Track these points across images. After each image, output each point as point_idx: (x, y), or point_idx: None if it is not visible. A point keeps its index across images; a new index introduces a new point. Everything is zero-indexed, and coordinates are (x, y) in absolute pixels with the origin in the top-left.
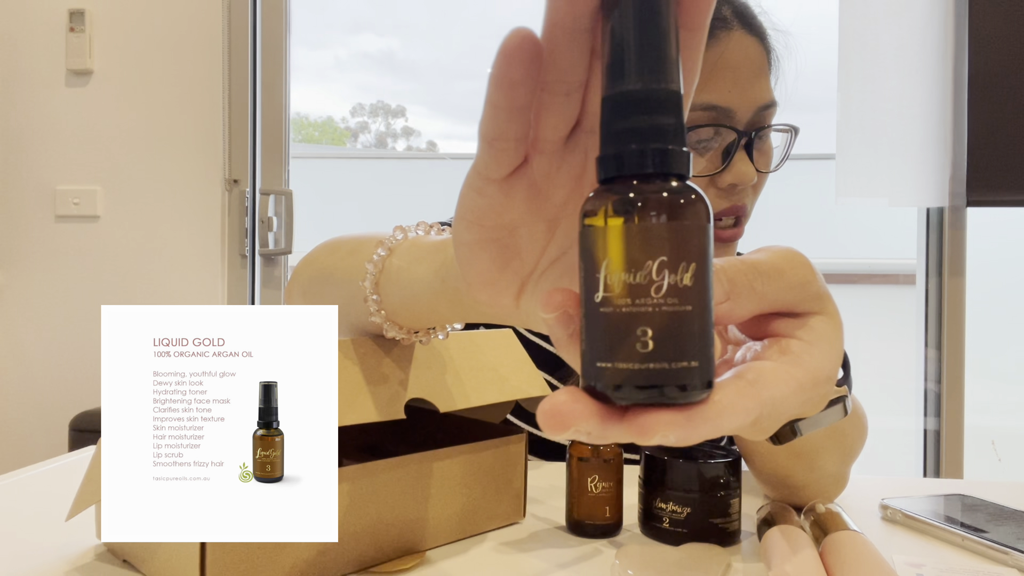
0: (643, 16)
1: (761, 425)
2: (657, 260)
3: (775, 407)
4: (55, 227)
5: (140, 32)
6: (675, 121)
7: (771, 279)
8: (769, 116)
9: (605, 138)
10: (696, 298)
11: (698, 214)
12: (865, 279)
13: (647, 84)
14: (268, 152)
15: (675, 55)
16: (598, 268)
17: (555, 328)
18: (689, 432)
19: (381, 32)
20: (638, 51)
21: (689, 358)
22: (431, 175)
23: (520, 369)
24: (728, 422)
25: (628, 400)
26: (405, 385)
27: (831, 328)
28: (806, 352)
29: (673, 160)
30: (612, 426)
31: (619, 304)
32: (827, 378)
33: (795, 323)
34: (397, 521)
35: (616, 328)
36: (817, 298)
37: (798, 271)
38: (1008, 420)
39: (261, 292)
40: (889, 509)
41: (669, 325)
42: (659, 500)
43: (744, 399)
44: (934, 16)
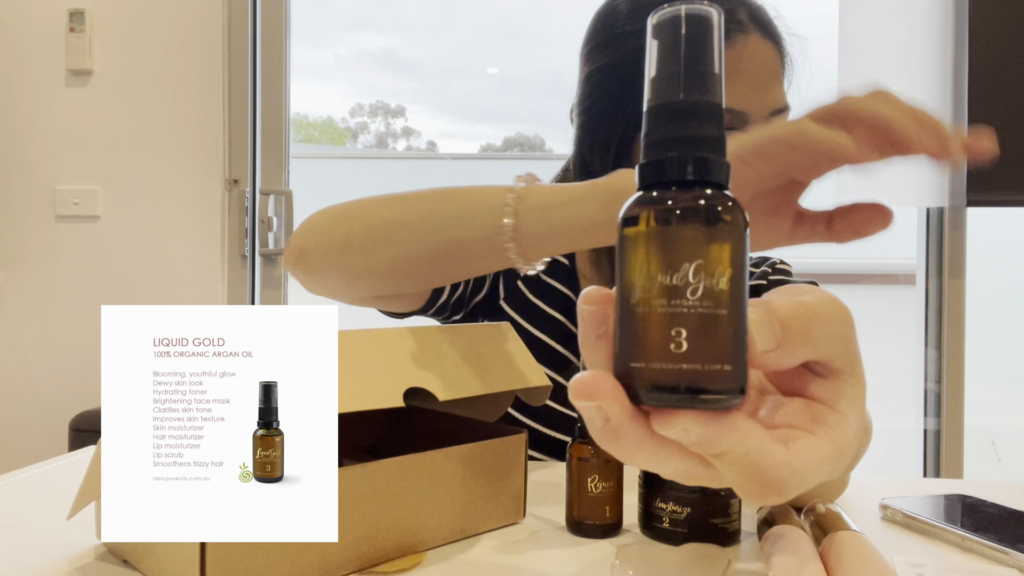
0: (690, 34)
1: (784, 493)
2: (694, 263)
3: (803, 480)
4: (55, 227)
5: (140, 32)
6: (716, 132)
7: (825, 327)
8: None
9: (648, 147)
10: (731, 303)
11: (736, 221)
12: (865, 279)
13: (690, 96)
14: (268, 152)
15: (719, 71)
16: (635, 270)
17: (588, 324)
18: (711, 432)
19: (382, 30)
20: (684, 65)
21: (723, 361)
22: (431, 175)
23: (519, 360)
24: (747, 450)
25: (659, 402)
26: (404, 375)
27: (859, 394)
28: (839, 425)
29: (713, 168)
30: (633, 420)
31: (655, 305)
32: (851, 448)
33: (832, 391)
34: (397, 521)
35: (651, 329)
36: (852, 357)
37: (844, 324)
38: (1008, 420)
39: (261, 292)
40: (889, 509)
41: (703, 327)
42: (659, 500)
43: (773, 454)
44: (934, 16)
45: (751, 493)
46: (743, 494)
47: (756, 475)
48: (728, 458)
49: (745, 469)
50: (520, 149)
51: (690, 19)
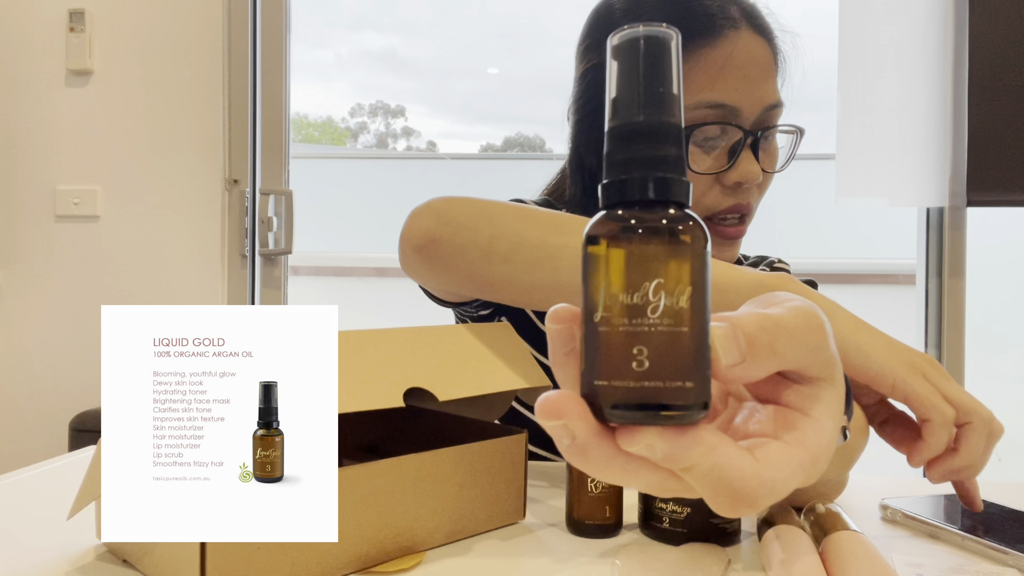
0: (648, 56)
1: (755, 504)
2: (654, 282)
3: (773, 490)
4: (55, 227)
5: (140, 32)
6: (676, 152)
7: (792, 339)
8: (775, 116)
9: (609, 167)
10: (691, 320)
11: (695, 239)
12: (865, 279)
13: (650, 117)
14: (268, 152)
15: (677, 91)
16: (598, 289)
17: (556, 342)
18: (676, 447)
19: (382, 30)
20: (644, 87)
21: (684, 378)
22: (431, 175)
23: (519, 360)
24: (714, 464)
25: (623, 419)
26: (404, 374)
27: (835, 399)
28: (811, 430)
29: (673, 188)
30: (600, 438)
31: (616, 324)
32: (826, 454)
33: (807, 397)
34: (397, 521)
35: (613, 347)
36: (827, 364)
37: (815, 334)
38: (1008, 420)
39: (261, 292)
40: (889, 509)
41: (664, 345)
42: (659, 500)
43: (742, 467)
44: (934, 16)
45: (722, 506)
46: (714, 506)
47: (725, 488)
48: (696, 472)
49: (714, 483)
50: (520, 149)
51: (648, 41)
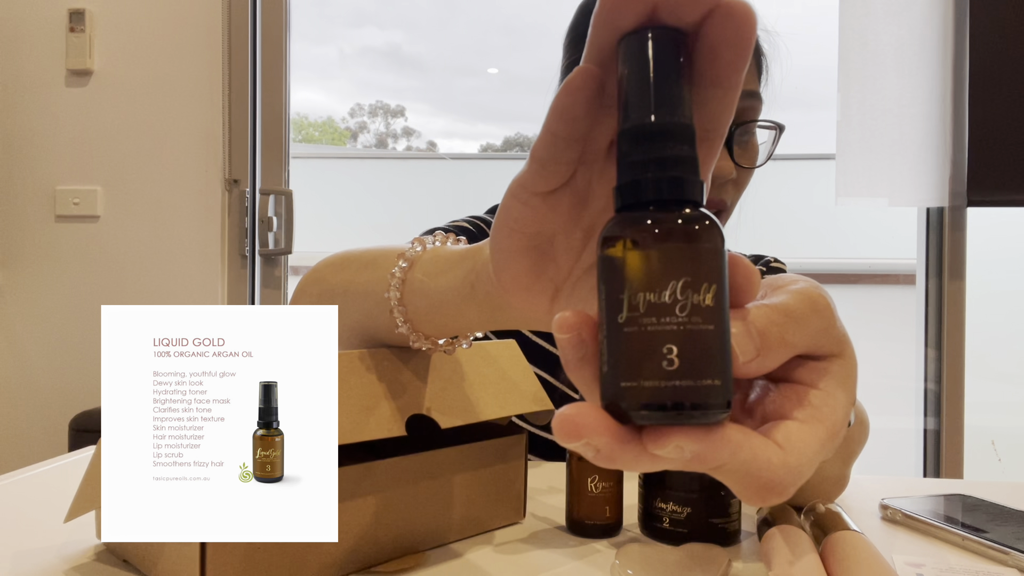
0: (659, 57)
1: (785, 493)
2: (681, 280)
3: (800, 475)
4: (55, 227)
5: (140, 32)
6: (689, 152)
7: (801, 326)
8: (752, 111)
9: (623, 168)
10: (716, 318)
11: (715, 238)
12: (865, 279)
13: (662, 118)
14: (268, 152)
15: (688, 93)
16: (621, 289)
17: (567, 350)
18: (704, 448)
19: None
20: (655, 88)
21: (712, 376)
22: (431, 175)
23: (523, 383)
24: (743, 461)
25: (652, 420)
26: (405, 401)
27: (848, 373)
28: (827, 406)
29: (688, 188)
30: (625, 445)
31: (644, 323)
32: (844, 426)
33: (816, 371)
34: (397, 521)
35: (642, 347)
36: (836, 340)
37: (822, 316)
38: (1008, 420)
39: (261, 292)
40: (889, 509)
41: (693, 343)
42: (659, 500)
43: (770, 458)
44: (934, 16)
45: (752, 498)
46: (744, 499)
47: (754, 481)
48: (725, 470)
49: (743, 477)
50: (521, 149)
51: (657, 41)
